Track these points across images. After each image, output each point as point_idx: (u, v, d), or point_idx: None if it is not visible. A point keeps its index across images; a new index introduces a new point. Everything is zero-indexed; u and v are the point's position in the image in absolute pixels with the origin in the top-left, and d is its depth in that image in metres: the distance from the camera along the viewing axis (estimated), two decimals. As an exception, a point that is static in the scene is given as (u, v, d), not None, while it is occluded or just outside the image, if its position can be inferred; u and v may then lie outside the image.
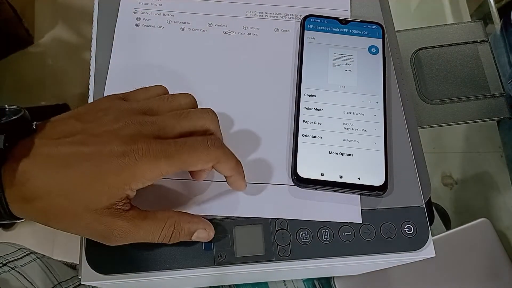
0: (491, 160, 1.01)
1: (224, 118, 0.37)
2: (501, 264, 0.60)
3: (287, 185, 0.35)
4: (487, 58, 0.56)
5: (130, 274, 0.33)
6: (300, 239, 0.34)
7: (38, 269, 0.47)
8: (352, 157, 0.35)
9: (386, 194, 0.35)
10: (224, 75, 0.39)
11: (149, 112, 0.30)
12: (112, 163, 0.27)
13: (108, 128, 0.29)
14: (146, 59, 0.39)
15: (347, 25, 0.40)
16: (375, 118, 0.37)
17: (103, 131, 0.28)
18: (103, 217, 0.28)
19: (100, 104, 0.31)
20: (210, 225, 0.32)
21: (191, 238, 0.31)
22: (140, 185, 0.28)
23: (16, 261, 0.46)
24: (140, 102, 0.31)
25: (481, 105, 0.55)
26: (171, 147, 0.28)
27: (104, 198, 0.27)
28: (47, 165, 0.27)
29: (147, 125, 0.29)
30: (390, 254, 0.34)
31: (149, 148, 0.27)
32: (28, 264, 0.47)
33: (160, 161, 0.27)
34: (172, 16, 0.40)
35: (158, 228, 0.30)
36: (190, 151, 0.28)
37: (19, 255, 0.47)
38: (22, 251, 0.48)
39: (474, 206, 0.98)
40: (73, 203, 0.27)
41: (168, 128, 0.29)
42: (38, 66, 1.18)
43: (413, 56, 0.56)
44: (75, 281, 0.51)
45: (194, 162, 0.29)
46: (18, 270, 0.45)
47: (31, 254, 0.49)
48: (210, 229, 0.32)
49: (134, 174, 0.27)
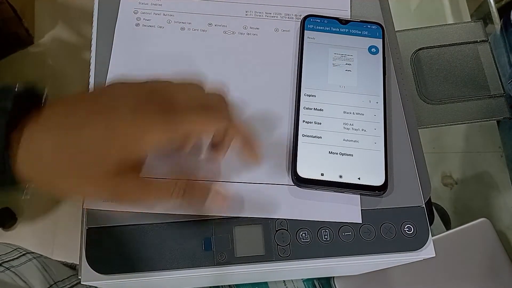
0: (491, 160, 1.01)
1: (224, 118, 0.37)
2: (501, 264, 0.60)
3: (287, 185, 0.35)
4: (487, 58, 0.56)
5: (130, 274, 0.33)
6: (300, 239, 0.34)
7: (34, 269, 0.47)
8: (352, 157, 0.35)
9: (386, 194, 0.35)
10: (224, 75, 0.39)
11: (160, 85, 0.31)
12: (124, 126, 0.27)
13: (120, 93, 0.29)
14: (146, 58, 0.39)
15: (347, 25, 0.40)
16: (375, 118, 0.37)
17: (115, 97, 0.29)
18: (113, 177, 0.28)
19: (110, 86, 0.31)
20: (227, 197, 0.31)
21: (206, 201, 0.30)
22: (151, 149, 0.28)
23: (12, 261, 0.46)
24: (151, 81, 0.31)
25: (481, 105, 0.55)
26: (181, 112, 0.28)
27: (115, 158, 0.27)
28: (59, 126, 0.27)
29: (157, 93, 0.29)
30: (390, 254, 0.34)
31: (160, 112, 0.28)
32: (24, 264, 0.47)
33: (169, 125, 0.28)
34: (172, 16, 0.40)
35: (170, 184, 0.29)
36: (200, 115, 0.29)
37: (15, 255, 0.47)
38: (18, 251, 0.48)
39: (474, 206, 0.98)
40: (83, 162, 0.27)
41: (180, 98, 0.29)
42: (38, 66, 1.18)
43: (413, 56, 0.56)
44: (72, 280, 0.51)
45: (201, 126, 0.29)
46: (13, 270, 0.45)
47: (27, 254, 0.48)
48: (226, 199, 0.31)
49: (145, 137, 0.27)
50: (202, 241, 0.33)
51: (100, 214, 0.33)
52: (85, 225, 0.33)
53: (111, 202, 0.30)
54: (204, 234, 0.34)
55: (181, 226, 0.34)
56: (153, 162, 0.31)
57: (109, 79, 0.37)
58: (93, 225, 0.33)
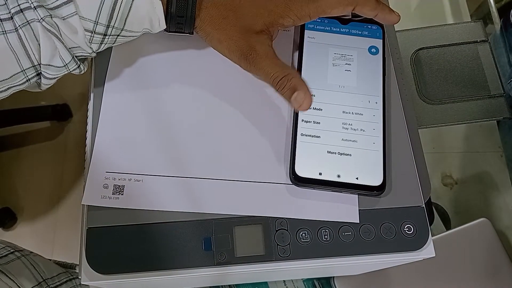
0: (491, 160, 1.01)
1: (223, 117, 0.37)
2: (501, 264, 0.60)
3: (285, 184, 0.35)
4: (487, 58, 0.56)
5: (130, 274, 0.33)
6: (300, 239, 0.34)
7: (22, 266, 0.47)
8: (350, 157, 0.35)
9: (385, 194, 0.35)
10: (223, 74, 0.39)
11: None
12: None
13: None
14: (146, 58, 0.39)
15: (347, 25, 0.40)
16: (374, 118, 0.37)
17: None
18: (252, 37, 0.34)
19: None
20: (311, 97, 0.34)
21: (291, 96, 0.33)
22: (290, 22, 0.35)
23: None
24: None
25: (481, 105, 0.55)
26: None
27: (261, 21, 0.35)
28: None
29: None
30: (390, 254, 0.34)
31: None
32: (12, 262, 0.47)
33: (309, 3, 0.35)
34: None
35: (281, 66, 0.34)
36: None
37: (2, 253, 0.47)
38: (6, 249, 0.48)
39: (474, 206, 0.98)
40: (235, 18, 0.34)
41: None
42: (38, 66, 1.18)
43: (413, 56, 0.56)
44: (61, 278, 0.51)
45: (335, 5, 0.35)
46: (0, 268, 0.45)
47: (15, 252, 0.48)
48: (309, 98, 0.33)
49: (288, 10, 0.35)
50: (202, 241, 0.33)
51: (100, 214, 0.33)
52: (85, 225, 0.33)
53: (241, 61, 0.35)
54: (204, 234, 0.34)
55: (181, 226, 0.34)
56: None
57: (108, 78, 0.37)
58: (93, 225, 0.33)
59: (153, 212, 0.34)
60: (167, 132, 0.36)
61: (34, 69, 0.31)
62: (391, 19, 0.37)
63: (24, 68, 0.31)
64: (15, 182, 1.10)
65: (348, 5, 0.35)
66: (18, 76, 0.31)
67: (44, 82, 0.33)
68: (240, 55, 0.34)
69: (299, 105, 0.33)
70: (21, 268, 0.47)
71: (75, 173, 1.10)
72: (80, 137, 1.13)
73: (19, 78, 0.31)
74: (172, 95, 0.38)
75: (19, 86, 0.32)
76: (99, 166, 0.35)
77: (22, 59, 0.30)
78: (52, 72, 0.32)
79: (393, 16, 0.37)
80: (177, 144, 0.36)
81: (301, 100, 0.33)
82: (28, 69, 0.31)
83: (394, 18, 0.37)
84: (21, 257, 0.48)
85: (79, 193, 0.97)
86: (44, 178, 1.11)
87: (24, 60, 0.30)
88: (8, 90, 0.32)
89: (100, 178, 0.34)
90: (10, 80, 0.31)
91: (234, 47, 0.35)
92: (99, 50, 0.34)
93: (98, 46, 0.33)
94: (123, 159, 0.35)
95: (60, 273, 0.51)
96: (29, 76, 0.32)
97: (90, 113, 0.37)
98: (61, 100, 1.15)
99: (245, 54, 0.34)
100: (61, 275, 0.51)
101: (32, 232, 1.06)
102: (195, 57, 0.39)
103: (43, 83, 0.33)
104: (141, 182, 0.34)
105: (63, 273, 0.51)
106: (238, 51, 0.35)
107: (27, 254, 0.49)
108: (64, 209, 1.08)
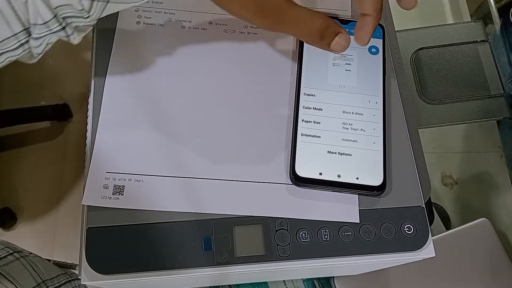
0: (491, 160, 1.01)
1: (224, 116, 0.37)
2: (501, 264, 0.60)
3: (285, 184, 0.35)
4: (487, 58, 0.56)
5: (130, 274, 0.33)
6: (300, 239, 0.34)
7: (21, 268, 0.47)
8: (350, 156, 0.35)
9: (385, 194, 0.35)
10: (223, 73, 0.39)
11: None
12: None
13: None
14: (146, 57, 0.39)
15: (347, 25, 0.40)
16: (374, 118, 0.37)
17: None
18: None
19: None
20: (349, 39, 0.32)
21: (331, 43, 0.31)
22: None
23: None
24: None
25: (481, 105, 0.55)
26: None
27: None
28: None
29: None
30: (390, 254, 0.34)
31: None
32: (11, 263, 0.46)
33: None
34: (172, 14, 0.40)
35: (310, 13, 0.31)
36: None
37: (1, 254, 0.47)
38: (6, 250, 0.48)
39: (474, 206, 0.98)
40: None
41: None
42: (38, 66, 1.18)
43: (413, 56, 0.56)
44: (60, 279, 0.50)
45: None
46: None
47: (14, 253, 0.48)
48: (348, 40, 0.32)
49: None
50: (202, 241, 0.33)
51: (100, 214, 0.33)
52: (85, 225, 0.33)
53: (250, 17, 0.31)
54: (204, 234, 0.34)
55: (181, 226, 0.34)
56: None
57: (109, 78, 0.37)
58: (93, 225, 0.33)
59: (153, 212, 0.34)
60: (167, 132, 0.36)
61: (26, 32, 0.29)
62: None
63: (16, 31, 0.28)
64: (15, 182, 1.10)
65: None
66: (11, 41, 0.29)
67: (32, 43, 0.30)
68: (254, 9, 0.30)
69: (342, 48, 0.32)
70: (21, 270, 0.47)
71: (75, 173, 1.10)
72: (80, 137, 1.13)
73: (12, 43, 0.29)
74: (172, 95, 0.38)
75: (13, 52, 0.30)
76: (99, 166, 0.35)
77: (12, 21, 0.28)
78: (37, 31, 0.29)
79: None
80: (178, 144, 0.36)
81: (345, 43, 0.31)
82: (20, 33, 0.29)
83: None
84: (20, 258, 0.48)
85: (79, 193, 0.97)
86: (44, 178, 1.11)
87: (14, 22, 0.28)
88: (2, 55, 0.30)
89: (100, 178, 0.34)
90: (2, 44, 0.28)
91: (245, 0, 0.30)
92: (94, 13, 0.30)
93: (90, 3, 0.29)
94: (123, 159, 0.35)
95: (59, 274, 0.51)
96: (22, 40, 0.29)
97: (90, 113, 0.37)
98: (61, 100, 1.15)
99: (260, 6, 0.30)
100: (60, 277, 0.51)
101: (32, 232, 1.06)
102: (196, 57, 0.39)
103: (31, 45, 0.30)
104: (141, 182, 0.34)
105: (62, 275, 0.51)
106: (250, 4, 0.30)
107: (26, 255, 0.49)
108: (64, 209, 1.08)
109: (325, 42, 0.32)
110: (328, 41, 0.32)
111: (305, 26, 0.31)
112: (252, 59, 0.39)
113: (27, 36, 0.29)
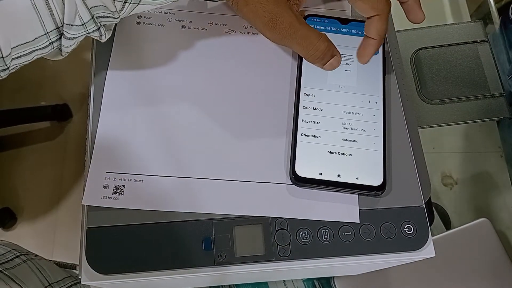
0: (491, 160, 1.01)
1: (223, 116, 0.37)
2: (501, 264, 0.60)
3: (286, 184, 0.35)
4: (487, 58, 0.56)
5: (130, 274, 0.33)
6: (300, 239, 0.34)
7: (28, 270, 0.47)
8: (350, 157, 0.35)
9: (385, 194, 0.35)
10: (223, 73, 0.39)
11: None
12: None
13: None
14: (146, 57, 0.39)
15: (347, 25, 0.40)
16: (374, 118, 0.37)
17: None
18: (278, 6, 0.32)
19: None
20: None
21: (325, 63, 0.36)
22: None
23: (5, 264, 0.46)
24: None
25: (481, 105, 0.55)
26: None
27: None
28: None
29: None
30: (390, 254, 0.34)
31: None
32: (18, 266, 0.46)
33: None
34: (172, 14, 0.40)
35: (317, 35, 0.34)
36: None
37: (8, 257, 0.47)
38: (13, 252, 0.48)
39: (474, 206, 0.98)
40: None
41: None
42: (38, 66, 1.18)
43: (413, 56, 0.56)
44: (67, 282, 0.50)
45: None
46: (6, 273, 0.44)
47: (21, 256, 0.48)
48: (339, 62, 0.37)
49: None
50: (202, 241, 0.33)
51: (100, 214, 0.33)
52: (85, 225, 0.33)
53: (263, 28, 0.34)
54: (204, 234, 0.34)
55: (181, 226, 0.34)
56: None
57: (109, 78, 0.37)
58: (93, 225, 0.33)
59: (153, 212, 0.34)
60: (167, 132, 0.36)
61: (57, 31, 0.30)
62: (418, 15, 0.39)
63: (48, 30, 0.29)
64: (15, 182, 1.10)
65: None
66: (42, 39, 0.29)
67: (64, 43, 0.31)
68: (267, 21, 0.33)
69: (333, 68, 0.36)
70: (28, 273, 0.47)
71: (75, 173, 1.11)
72: (80, 137, 1.13)
73: (43, 41, 0.30)
74: (172, 95, 0.38)
75: (42, 50, 0.30)
76: (99, 166, 0.35)
77: (46, 20, 0.28)
78: (72, 32, 0.30)
79: (420, 13, 0.39)
80: (178, 144, 0.36)
81: (337, 64, 0.36)
82: (52, 32, 0.29)
83: (421, 16, 0.39)
84: (27, 261, 0.48)
85: (79, 193, 0.97)
86: (44, 178, 1.11)
87: (48, 21, 0.29)
88: (31, 53, 0.30)
89: (100, 178, 0.34)
90: (33, 42, 0.29)
91: (261, 11, 0.33)
92: (124, 13, 0.31)
93: (122, 5, 0.30)
94: (123, 159, 0.35)
95: (65, 277, 0.51)
96: (52, 39, 0.30)
97: (90, 113, 0.37)
98: (61, 100, 1.15)
99: (273, 20, 0.33)
100: (66, 280, 0.51)
101: (32, 232, 1.06)
102: (195, 57, 0.39)
103: (63, 44, 0.31)
104: (141, 182, 0.34)
105: (68, 278, 0.51)
106: (265, 15, 0.33)
107: (33, 258, 0.49)
108: (64, 209, 1.08)
109: (322, 62, 0.36)
110: (324, 62, 0.36)
111: (311, 46, 0.34)
112: (252, 59, 0.39)
113: (57, 35, 0.30)
